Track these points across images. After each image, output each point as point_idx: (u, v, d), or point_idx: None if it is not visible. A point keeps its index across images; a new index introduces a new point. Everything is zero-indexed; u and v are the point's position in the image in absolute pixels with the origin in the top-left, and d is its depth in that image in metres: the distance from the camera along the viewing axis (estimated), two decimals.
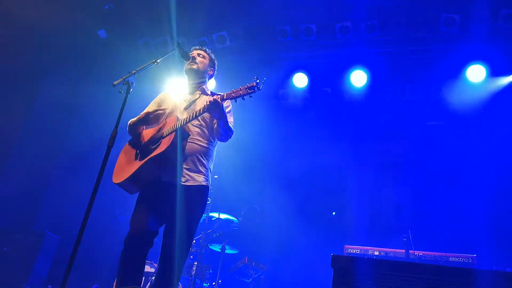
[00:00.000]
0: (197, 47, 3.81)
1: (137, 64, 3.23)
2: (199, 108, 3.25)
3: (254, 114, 8.14)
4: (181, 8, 6.72)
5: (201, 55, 3.72)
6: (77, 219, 2.84)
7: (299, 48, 7.26)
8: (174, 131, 3.19)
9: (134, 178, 3.27)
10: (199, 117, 3.39)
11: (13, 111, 6.69)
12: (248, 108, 8.05)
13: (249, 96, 3.04)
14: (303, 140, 8.52)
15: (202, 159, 3.37)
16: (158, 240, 3.28)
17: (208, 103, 3.10)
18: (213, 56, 3.83)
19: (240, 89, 3.05)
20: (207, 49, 3.83)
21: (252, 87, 2.99)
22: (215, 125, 3.41)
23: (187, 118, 3.20)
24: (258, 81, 2.99)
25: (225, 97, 3.11)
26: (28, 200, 6.72)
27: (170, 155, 3.18)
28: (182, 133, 3.22)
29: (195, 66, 3.62)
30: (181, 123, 3.19)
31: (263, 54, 7.36)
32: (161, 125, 3.42)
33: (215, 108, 3.09)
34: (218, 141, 3.59)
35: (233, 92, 3.08)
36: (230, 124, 3.42)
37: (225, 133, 3.39)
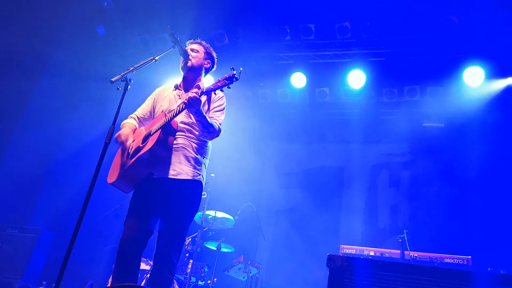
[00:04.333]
0: (191, 41, 3.72)
1: (136, 61, 3.22)
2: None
3: (252, 112, 8.15)
4: (180, 6, 6.70)
5: (194, 50, 3.63)
6: (73, 216, 2.84)
7: (298, 47, 7.26)
8: (160, 128, 3.19)
9: (125, 177, 3.27)
10: (190, 113, 3.36)
11: (10, 107, 6.66)
12: (245, 107, 8.07)
13: (228, 87, 3.06)
14: (301, 139, 8.53)
15: (195, 154, 3.36)
16: (153, 237, 3.28)
17: (187, 100, 3.08)
18: (209, 48, 3.74)
19: (219, 80, 3.07)
20: (202, 41, 3.73)
21: (229, 78, 3.01)
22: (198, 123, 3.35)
23: (171, 115, 3.20)
24: (235, 72, 3.01)
25: (204, 90, 3.11)
26: (24, 196, 6.70)
27: (157, 152, 3.20)
28: (168, 129, 3.23)
29: (189, 64, 3.56)
30: (166, 120, 3.19)
31: (262, 53, 7.35)
32: (152, 123, 3.43)
33: (193, 105, 3.07)
34: None
35: (212, 85, 3.10)
36: (214, 122, 3.36)
37: (207, 130, 3.33)
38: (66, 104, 7.15)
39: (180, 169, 3.27)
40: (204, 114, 3.24)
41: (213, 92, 3.18)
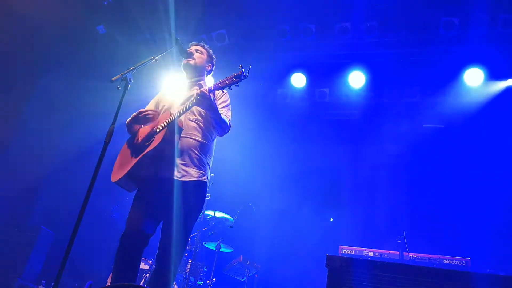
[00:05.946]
0: (195, 43, 3.79)
1: (136, 60, 3.22)
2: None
3: (252, 113, 8.14)
4: (180, 5, 6.70)
5: (199, 51, 3.70)
6: (72, 215, 2.84)
7: (298, 48, 7.25)
8: (166, 126, 3.18)
9: (130, 175, 3.27)
10: (195, 112, 3.38)
11: (10, 106, 6.66)
12: (246, 106, 8.06)
13: (236, 85, 3.05)
14: (300, 140, 8.52)
15: (199, 154, 3.35)
16: (154, 237, 3.27)
17: (196, 95, 3.08)
18: (211, 52, 3.81)
19: (227, 78, 3.06)
20: (205, 45, 3.80)
21: (238, 76, 3.00)
22: (210, 118, 3.38)
23: (177, 112, 3.20)
24: (243, 70, 3.00)
25: (212, 88, 3.11)
26: (24, 195, 6.69)
27: (163, 150, 3.18)
28: (174, 127, 3.22)
29: (192, 62, 3.61)
30: (172, 118, 3.18)
31: (262, 53, 7.35)
32: (156, 121, 3.43)
33: (203, 101, 3.08)
34: (217, 136, 3.57)
35: (220, 83, 3.10)
36: (225, 117, 3.37)
37: (219, 126, 3.34)
38: (65, 103, 7.14)
39: (184, 170, 3.25)
40: (218, 109, 3.25)
41: (218, 90, 3.19)
